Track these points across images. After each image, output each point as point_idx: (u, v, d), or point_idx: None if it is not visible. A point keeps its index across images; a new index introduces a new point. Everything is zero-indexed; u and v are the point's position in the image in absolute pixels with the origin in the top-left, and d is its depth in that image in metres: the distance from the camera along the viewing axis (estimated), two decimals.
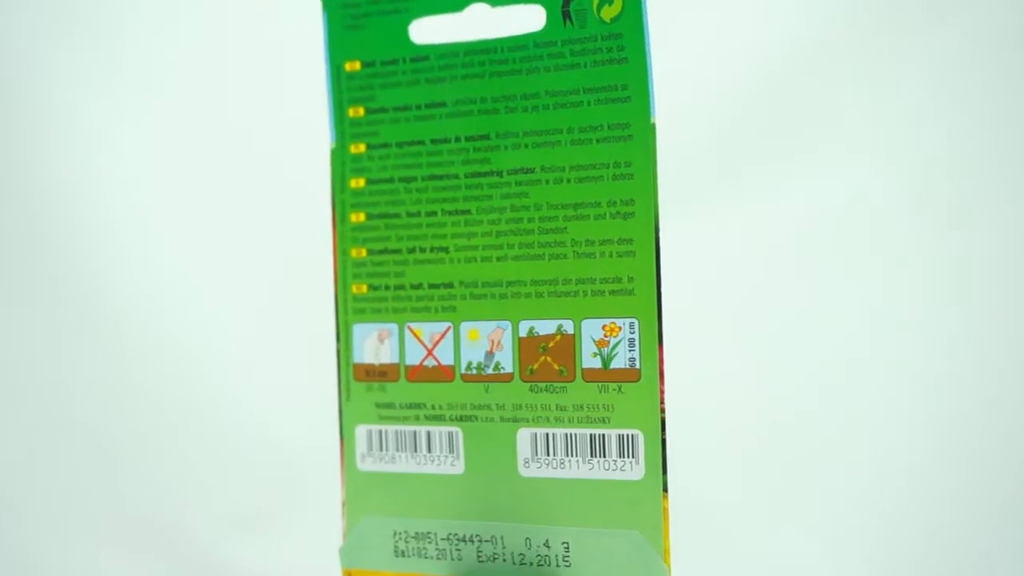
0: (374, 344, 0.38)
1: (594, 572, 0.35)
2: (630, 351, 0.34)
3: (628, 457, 0.34)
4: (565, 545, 0.35)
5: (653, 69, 0.33)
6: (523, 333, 0.35)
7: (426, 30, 0.37)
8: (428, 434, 0.37)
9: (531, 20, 0.35)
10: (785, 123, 0.51)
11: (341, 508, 0.38)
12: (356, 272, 0.38)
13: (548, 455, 0.35)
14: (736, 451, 0.50)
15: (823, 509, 0.51)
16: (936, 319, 0.52)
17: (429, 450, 0.37)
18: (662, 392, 0.34)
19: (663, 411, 0.34)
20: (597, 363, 0.34)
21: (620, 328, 0.34)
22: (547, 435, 0.35)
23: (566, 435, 0.35)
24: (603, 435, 0.34)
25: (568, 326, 0.35)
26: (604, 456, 0.34)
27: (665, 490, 0.34)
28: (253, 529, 0.59)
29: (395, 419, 0.37)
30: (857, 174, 0.50)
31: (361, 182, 0.38)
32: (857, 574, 0.50)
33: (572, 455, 0.35)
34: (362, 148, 0.38)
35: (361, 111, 0.38)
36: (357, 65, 0.38)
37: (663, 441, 0.34)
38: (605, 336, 0.34)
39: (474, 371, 0.36)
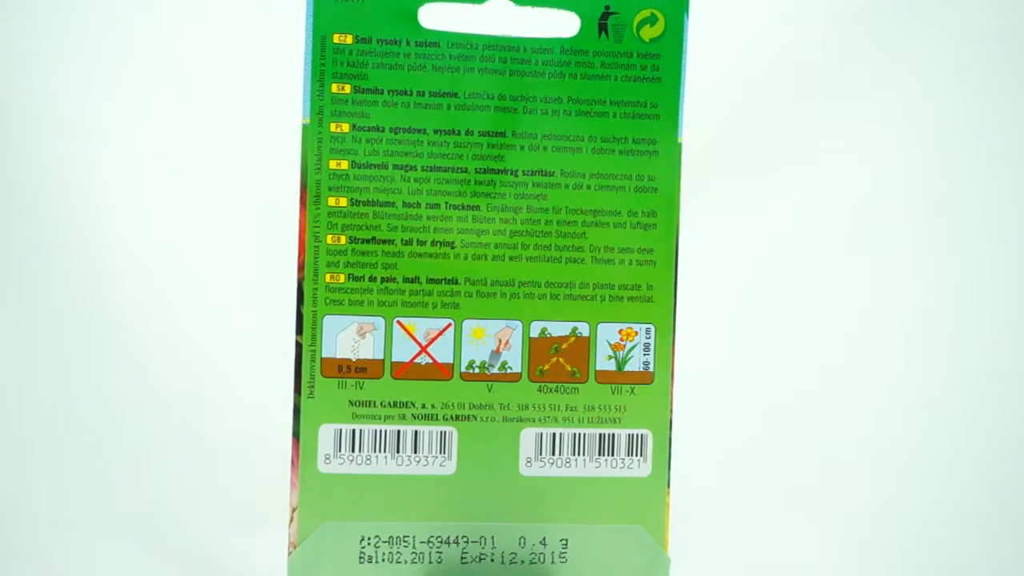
0: (351, 338, 0.35)
1: (593, 567, 0.36)
2: (645, 355, 0.36)
3: (636, 455, 0.36)
4: (563, 542, 0.36)
5: (686, 90, 0.36)
6: (534, 334, 0.36)
7: (438, 16, 0.35)
8: (415, 434, 0.35)
9: (558, 25, 0.36)
10: (801, 137, 0.52)
11: (291, 514, 0.35)
12: (331, 260, 0.35)
13: (553, 454, 0.36)
14: (739, 449, 0.52)
15: (824, 508, 0.53)
16: (953, 324, 0.53)
17: (415, 451, 0.35)
18: (672, 394, 0.36)
19: (671, 411, 0.36)
20: (611, 365, 0.36)
21: (637, 332, 0.36)
22: (553, 434, 0.36)
23: (574, 434, 0.36)
24: (613, 434, 0.36)
25: (584, 328, 0.36)
26: (612, 455, 0.36)
27: (668, 486, 0.36)
28: (251, 528, 0.50)
29: (374, 418, 0.35)
30: (872, 188, 0.52)
31: (344, 164, 0.35)
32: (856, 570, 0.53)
33: (579, 454, 0.36)
34: (345, 128, 0.35)
35: (347, 88, 0.35)
36: (348, 39, 0.35)
37: (670, 439, 0.36)
38: (621, 340, 0.36)
39: (476, 370, 0.36)
